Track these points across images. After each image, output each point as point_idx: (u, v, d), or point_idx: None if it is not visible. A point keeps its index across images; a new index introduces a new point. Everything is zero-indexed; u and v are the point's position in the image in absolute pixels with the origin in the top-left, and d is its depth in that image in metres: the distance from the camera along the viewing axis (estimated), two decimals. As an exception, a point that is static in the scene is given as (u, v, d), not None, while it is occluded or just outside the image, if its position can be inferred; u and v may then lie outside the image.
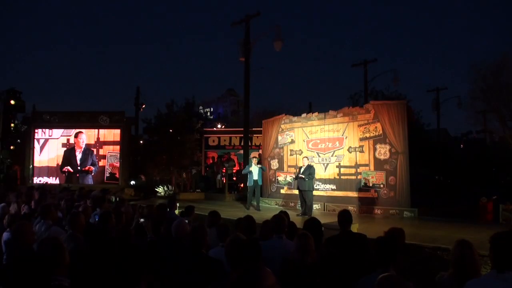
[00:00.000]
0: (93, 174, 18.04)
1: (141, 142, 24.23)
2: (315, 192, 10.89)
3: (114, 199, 10.80)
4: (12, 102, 21.36)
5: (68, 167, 18.00)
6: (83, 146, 18.19)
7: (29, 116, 21.17)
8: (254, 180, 11.18)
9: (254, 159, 11.88)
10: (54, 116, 18.46)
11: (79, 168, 18.01)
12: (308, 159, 10.75)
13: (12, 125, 28.86)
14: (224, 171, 16.37)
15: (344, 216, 4.32)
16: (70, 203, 6.94)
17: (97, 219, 5.46)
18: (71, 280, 2.48)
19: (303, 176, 10.04)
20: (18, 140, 25.76)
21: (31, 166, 18.03)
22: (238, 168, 17.01)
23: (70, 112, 19.12)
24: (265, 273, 1.87)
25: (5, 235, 4.23)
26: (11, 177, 21.26)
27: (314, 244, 3.49)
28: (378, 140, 10.54)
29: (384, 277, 2.13)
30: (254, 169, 11.26)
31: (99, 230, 4.59)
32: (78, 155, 18.14)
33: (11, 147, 25.61)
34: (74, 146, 18.21)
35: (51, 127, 18.36)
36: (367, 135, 10.78)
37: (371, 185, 10.51)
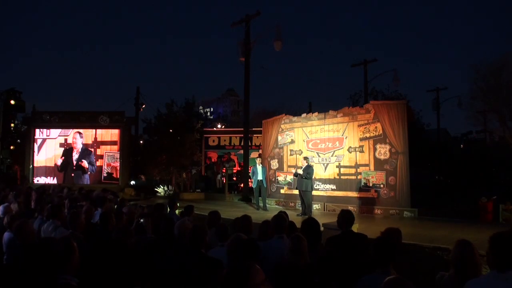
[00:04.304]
0: (89, 173, 18.02)
1: (141, 142, 24.22)
2: (315, 192, 10.90)
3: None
4: (12, 102, 21.27)
5: (61, 160, 18.03)
6: (81, 146, 18.19)
7: (29, 116, 21.15)
8: (258, 180, 11.20)
9: (258, 159, 11.89)
10: (54, 116, 18.44)
11: (74, 166, 17.99)
12: (307, 160, 10.77)
13: (12, 125, 28.85)
14: (224, 171, 16.38)
15: (346, 216, 4.31)
16: (73, 202, 6.94)
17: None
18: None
19: (301, 173, 10.09)
20: (18, 140, 25.76)
21: (31, 166, 18.03)
22: (238, 168, 17.02)
23: (70, 112, 19.10)
24: (254, 270, 1.89)
25: (6, 235, 4.23)
26: (11, 177, 21.26)
27: (312, 244, 3.49)
28: (378, 140, 10.54)
29: (390, 280, 2.13)
30: (258, 169, 11.28)
31: (99, 230, 4.59)
32: (75, 155, 18.14)
33: (11, 147, 25.60)
34: (72, 146, 18.21)
35: (51, 127, 18.34)
36: (367, 135, 10.78)
37: (371, 185, 10.51)
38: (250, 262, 2.03)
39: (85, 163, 17.99)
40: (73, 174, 17.98)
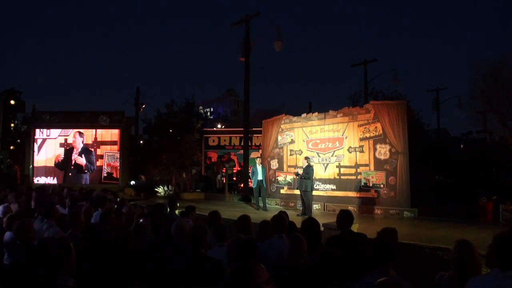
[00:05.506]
0: (86, 172, 18.00)
1: (141, 142, 24.23)
2: (315, 192, 10.90)
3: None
4: (12, 102, 21.29)
5: (60, 157, 18.07)
6: (81, 146, 18.18)
7: (29, 116, 21.15)
8: (258, 180, 11.22)
9: (258, 159, 11.90)
10: (54, 116, 18.43)
11: (72, 164, 17.99)
12: (308, 159, 10.76)
13: (12, 125, 28.87)
14: (224, 171, 16.38)
15: (345, 216, 4.31)
16: (74, 202, 6.95)
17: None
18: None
19: (300, 173, 10.13)
20: (18, 140, 25.77)
21: (31, 166, 18.02)
22: (238, 168, 17.01)
23: (70, 112, 19.09)
24: (259, 269, 1.89)
25: (7, 235, 4.23)
26: (11, 177, 21.26)
27: (312, 244, 3.49)
28: (378, 140, 10.54)
29: (381, 282, 2.12)
30: (258, 169, 11.29)
31: (99, 230, 4.59)
32: (75, 155, 18.13)
33: (11, 147, 25.62)
34: (73, 146, 18.21)
35: (51, 127, 18.33)
36: (367, 135, 10.78)
37: (371, 185, 10.51)
38: (254, 262, 2.02)
39: (82, 160, 17.95)
40: (70, 174, 17.97)
